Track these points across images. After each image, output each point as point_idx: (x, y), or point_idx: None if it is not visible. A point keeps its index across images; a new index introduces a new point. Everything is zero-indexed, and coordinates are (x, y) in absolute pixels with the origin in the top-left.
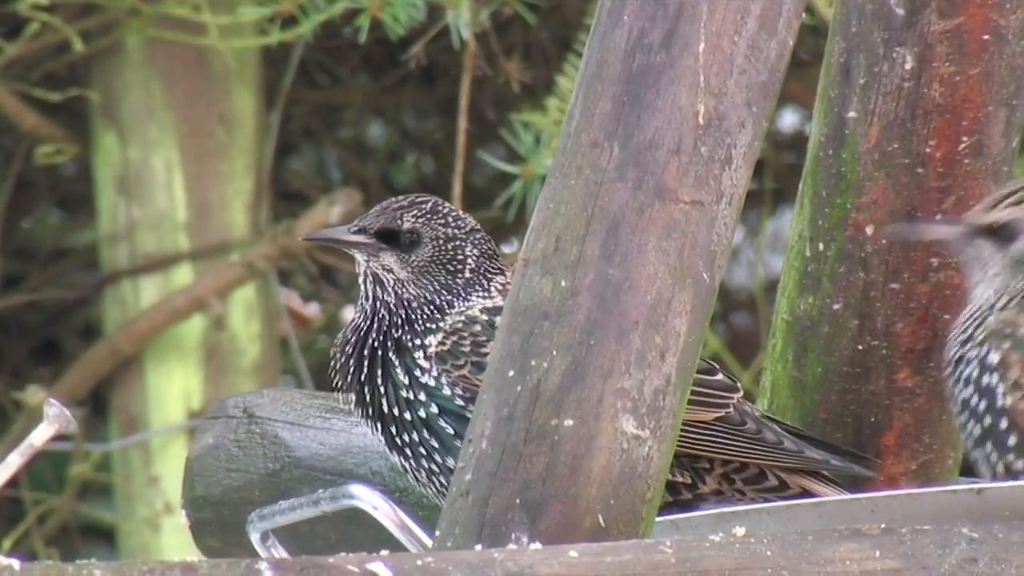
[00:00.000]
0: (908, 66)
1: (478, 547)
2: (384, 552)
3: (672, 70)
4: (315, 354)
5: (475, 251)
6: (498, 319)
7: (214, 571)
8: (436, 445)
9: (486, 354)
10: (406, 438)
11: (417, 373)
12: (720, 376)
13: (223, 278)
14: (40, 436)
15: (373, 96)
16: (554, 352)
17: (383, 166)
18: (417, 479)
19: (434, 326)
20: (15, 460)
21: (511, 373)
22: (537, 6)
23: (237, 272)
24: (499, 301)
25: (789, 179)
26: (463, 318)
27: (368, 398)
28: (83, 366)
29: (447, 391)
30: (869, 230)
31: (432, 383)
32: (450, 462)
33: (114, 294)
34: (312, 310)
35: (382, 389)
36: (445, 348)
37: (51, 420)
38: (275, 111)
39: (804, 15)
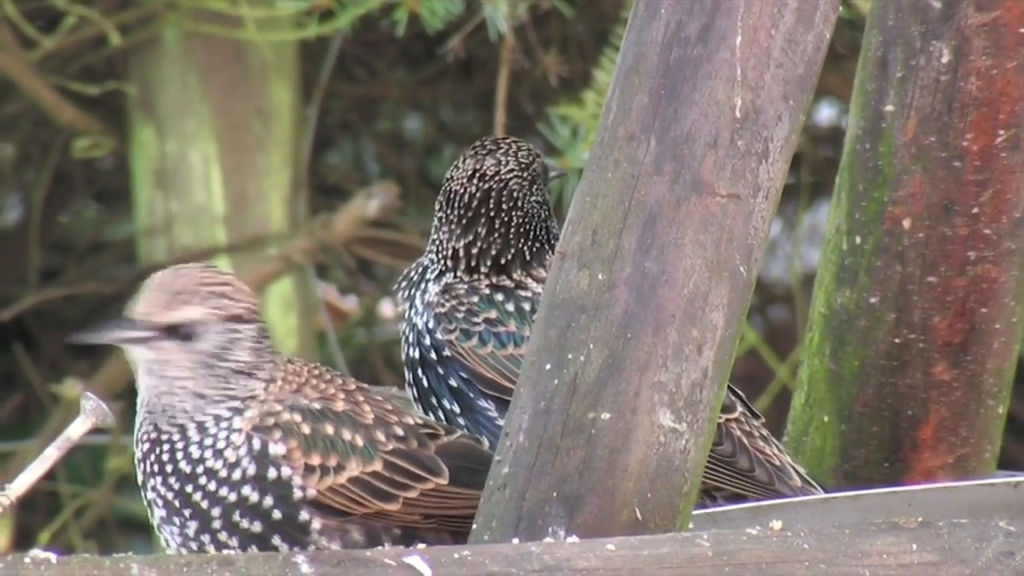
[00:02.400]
0: (945, 59)
1: (515, 540)
2: (421, 546)
3: (709, 63)
4: (352, 348)
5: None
6: (499, 296)
7: (251, 564)
8: (416, 394)
9: (476, 324)
10: (407, 374)
11: (413, 311)
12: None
13: (260, 272)
14: (77, 429)
15: (410, 89)
16: (591, 345)
17: (420, 159)
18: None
19: (439, 277)
20: (52, 453)
21: (548, 366)
22: None
23: (274, 266)
24: (507, 282)
25: (826, 173)
26: (466, 286)
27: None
28: (120, 360)
29: (427, 340)
30: (906, 224)
31: (421, 326)
32: (431, 416)
33: None
34: (349, 304)
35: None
36: (443, 310)
37: (88, 414)
38: (312, 104)
39: (841, 8)
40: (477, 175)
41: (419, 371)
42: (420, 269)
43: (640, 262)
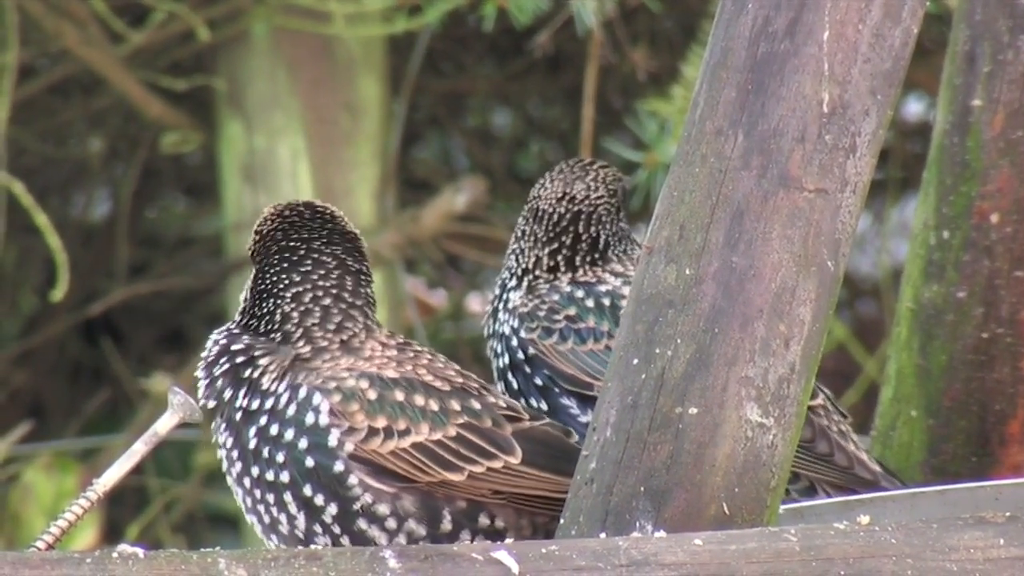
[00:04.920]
0: None
1: (602, 535)
2: (508, 540)
3: (796, 58)
4: (440, 342)
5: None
6: (579, 293)
7: (338, 559)
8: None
9: (557, 321)
10: (498, 385)
11: (498, 323)
12: None
13: None
14: (165, 424)
15: (499, 84)
16: (678, 340)
17: (508, 154)
18: None
19: (523, 283)
20: (140, 448)
21: (635, 361)
22: None
23: None
24: (589, 277)
25: (914, 167)
26: (548, 285)
27: None
28: None
29: (514, 342)
30: (994, 218)
31: (508, 331)
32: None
33: (240, 282)
34: (438, 298)
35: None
36: (526, 310)
37: (176, 408)
38: (401, 99)
39: (928, 3)
40: (567, 198)
41: (509, 375)
42: (500, 283)
43: (727, 257)
